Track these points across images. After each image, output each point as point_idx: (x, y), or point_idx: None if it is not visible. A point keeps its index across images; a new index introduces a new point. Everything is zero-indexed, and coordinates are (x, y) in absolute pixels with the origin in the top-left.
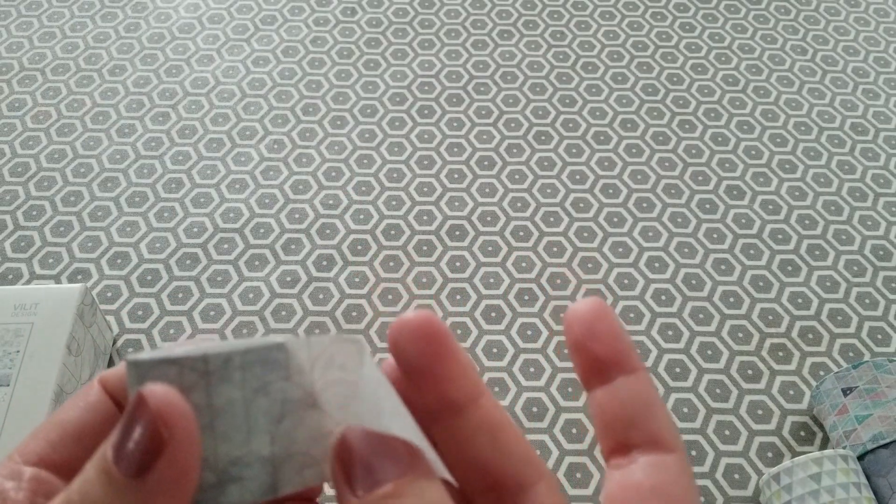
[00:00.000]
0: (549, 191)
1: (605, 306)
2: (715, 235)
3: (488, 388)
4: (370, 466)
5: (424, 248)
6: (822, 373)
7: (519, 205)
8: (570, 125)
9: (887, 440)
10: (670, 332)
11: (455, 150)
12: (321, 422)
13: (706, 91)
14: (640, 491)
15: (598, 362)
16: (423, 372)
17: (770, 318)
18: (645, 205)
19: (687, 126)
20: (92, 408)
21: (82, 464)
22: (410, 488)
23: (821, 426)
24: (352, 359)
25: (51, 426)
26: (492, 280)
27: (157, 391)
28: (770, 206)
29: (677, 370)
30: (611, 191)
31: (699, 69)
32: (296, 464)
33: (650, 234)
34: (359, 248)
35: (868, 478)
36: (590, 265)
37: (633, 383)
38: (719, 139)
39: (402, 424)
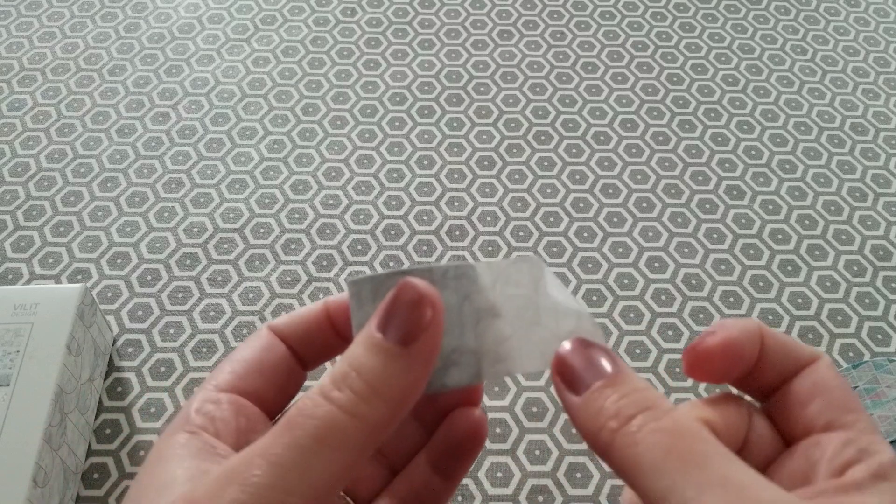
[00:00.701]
0: (549, 191)
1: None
2: (715, 235)
3: (488, 388)
4: (585, 372)
5: (424, 248)
6: None
7: (519, 205)
8: (570, 125)
9: (887, 440)
10: (670, 332)
11: (455, 150)
12: (503, 328)
13: (706, 91)
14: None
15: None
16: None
17: (770, 318)
18: (645, 205)
19: (687, 126)
20: (266, 348)
21: (268, 394)
22: (620, 379)
23: None
24: (524, 276)
25: (233, 363)
26: None
27: (420, 281)
28: (770, 206)
29: (677, 370)
30: (611, 191)
31: (699, 69)
32: (490, 359)
33: (650, 234)
34: (359, 248)
35: None
36: (590, 265)
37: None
38: (719, 139)
39: (575, 318)
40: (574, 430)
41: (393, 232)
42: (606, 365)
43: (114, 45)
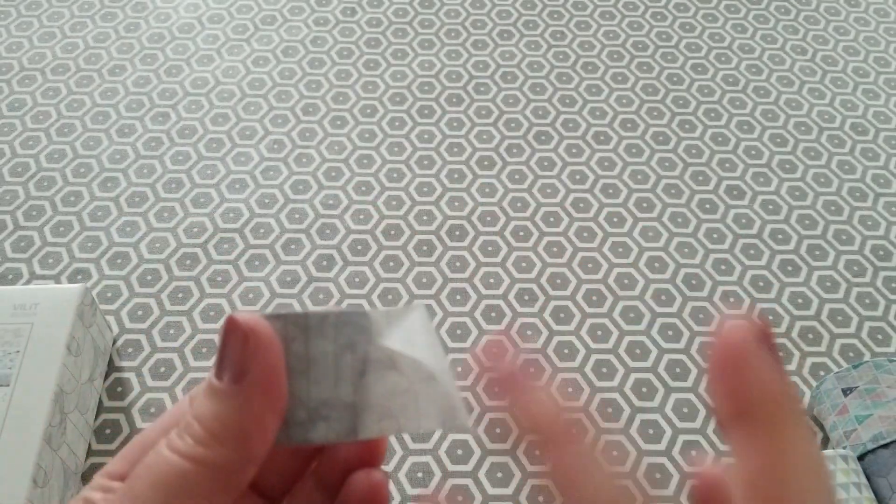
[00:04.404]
0: (549, 191)
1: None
2: (715, 235)
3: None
4: None
5: (424, 248)
6: (822, 373)
7: (519, 205)
8: (570, 125)
9: (887, 440)
10: (670, 333)
11: (455, 150)
12: (398, 381)
13: (706, 91)
14: None
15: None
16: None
17: (770, 318)
18: (645, 205)
19: (687, 126)
20: (169, 428)
21: None
22: None
23: (821, 426)
24: (417, 326)
25: (133, 447)
26: (492, 280)
27: (244, 313)
28: (770, 206)
29: (677, 370)
30: (611, 191)
31: (699, 69)
32: (375, 414)
33: (650, 234)
34: (359, 248)
35: (868, 478)
36: (590, 265)
37: None
38: (719, 139)
39: (449, 379)
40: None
41: (393, 232)
42: None
43: (114, 45)
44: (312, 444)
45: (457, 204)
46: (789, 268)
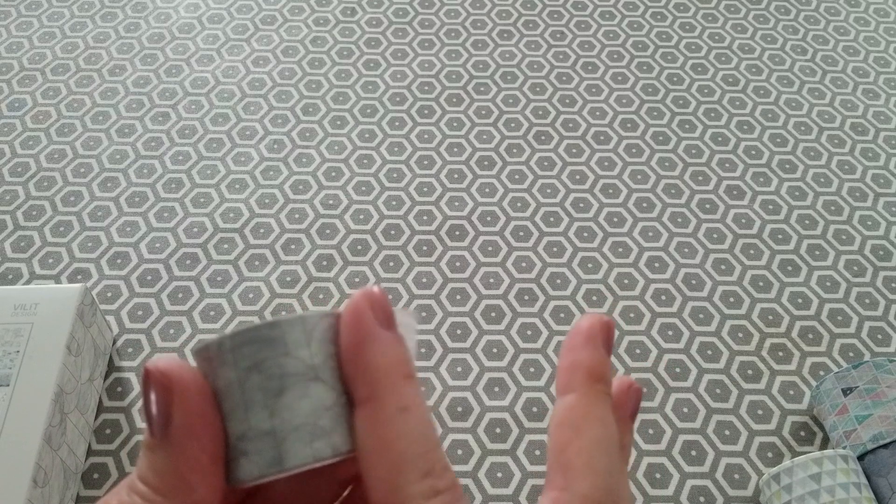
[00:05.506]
0: (549, 191)
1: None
2: (715, 235)
3: (488, 388)
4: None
5: (424, 248)
6: (822, 373)
7: (519, 205)
8: (570, 125)
9: (887, 440)
10: (670, 332)
11: (455, 150)
12: (325, 394)
13: (706, 91)
14: None
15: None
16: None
17: (770, 318)
18: (645, 205)
19: (687, 126)
20: None
21: None
22: None
23: (821, 426)
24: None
25: None
26: (492, 280)
27: (159, 360)
28: (770, 206)
29: (677, 370)
30: (611, 191)
31: (699, 69)
32: (304, 435)
33: (650, 234)
34: (359, 248)
35: (868, 478)
36: (590, 265)
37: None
38: (719, 139)
39: None
40: None
41: (393, 232)
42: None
43: (114, 45)
44: (245, 484)
45: (457, 204)
46: (789, 268)
